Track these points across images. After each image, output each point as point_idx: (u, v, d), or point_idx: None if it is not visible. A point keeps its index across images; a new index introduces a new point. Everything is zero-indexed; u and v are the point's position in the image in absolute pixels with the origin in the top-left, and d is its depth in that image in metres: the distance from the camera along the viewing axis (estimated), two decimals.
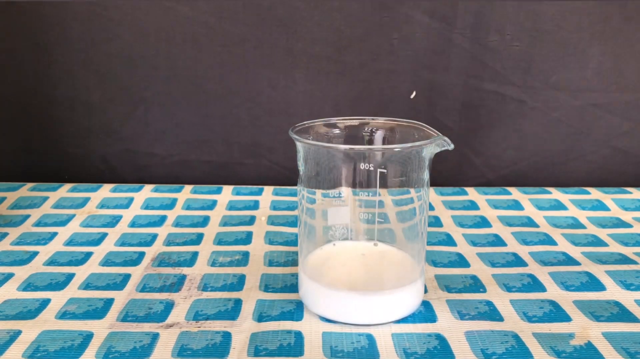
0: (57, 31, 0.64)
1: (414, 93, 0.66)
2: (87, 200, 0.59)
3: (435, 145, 0.37)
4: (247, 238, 0.51)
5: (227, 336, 0.36)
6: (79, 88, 0.66)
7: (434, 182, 0.68)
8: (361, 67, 0.66)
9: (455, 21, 0.64)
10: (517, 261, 0.46)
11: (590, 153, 0.68)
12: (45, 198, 0.59)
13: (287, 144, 0.53)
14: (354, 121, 0.41)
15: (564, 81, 0.65)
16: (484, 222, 0.54)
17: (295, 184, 0.52)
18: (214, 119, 0.67)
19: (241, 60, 0.65)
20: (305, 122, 0.40)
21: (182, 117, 0.67)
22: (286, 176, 0.68)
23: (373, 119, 0.41)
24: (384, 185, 0.37)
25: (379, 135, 0.41)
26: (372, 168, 0.37)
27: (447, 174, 0.68)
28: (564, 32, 0.64)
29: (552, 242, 0.50)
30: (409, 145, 0.36)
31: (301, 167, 0.39)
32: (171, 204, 0.58)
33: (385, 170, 0.37)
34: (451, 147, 0.37)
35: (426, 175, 0.38)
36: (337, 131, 0.41)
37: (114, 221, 0.54)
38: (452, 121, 0.67)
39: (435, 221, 0.55)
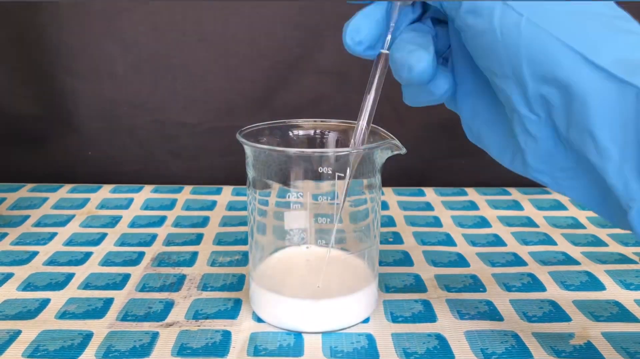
0: None
1: None
2: (86, 200, 0.59)
3: (384, 148, 0.35)
4: (247, 238, 0.50)
5: (227, 335, 0.36)
6: (102, 59, 0.63)
7: (427, 177, 0.69)
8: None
9: None
10: (517, 261, 0.46)
11: None
12: (45, 199, 0.59)
13: None
14: (306, 123, 0.39)
15: None
16: (483, 222, 0.54)
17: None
18: (244, 83, 0.65)
19: (271, 21, 0.62)
20: (255, 124, 0.38)
21: (211, 83, 0.65)
22: None
23: (323, 121, 0.40)
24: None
25: (332, 138, 0.40)
26: (328, 171, 0.35)
27: (440, 169, 0.69)
28: None
29: (552, 242, 0.50)
30: (354, 149, 0.35)
31: (250, 171, 0.37)
32: (171, 205, 0.58)
33: (342, 174, 0.35)
34: (403, 151, 0.35)
35: (378, 179, 0.37)
36: (290, 133, 0.39)
37: (113, 221, 0.54)
38: (446, 117, 0.68)
39: (435, 221, 0.55)
